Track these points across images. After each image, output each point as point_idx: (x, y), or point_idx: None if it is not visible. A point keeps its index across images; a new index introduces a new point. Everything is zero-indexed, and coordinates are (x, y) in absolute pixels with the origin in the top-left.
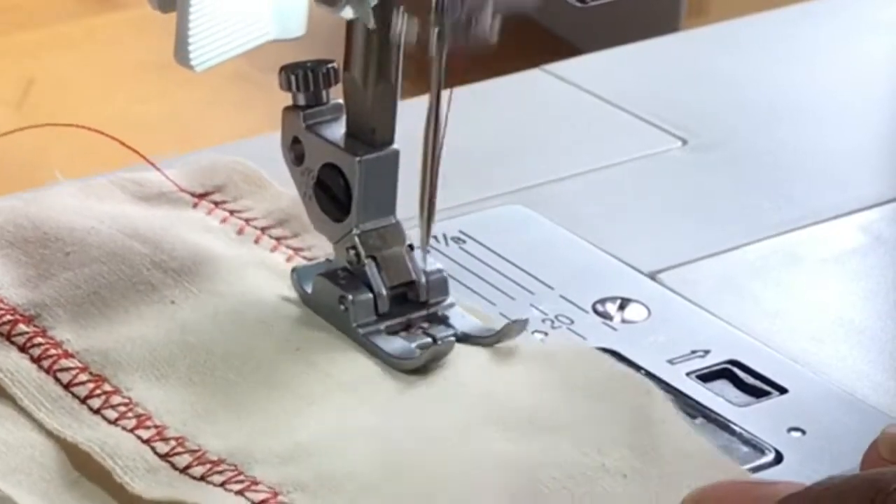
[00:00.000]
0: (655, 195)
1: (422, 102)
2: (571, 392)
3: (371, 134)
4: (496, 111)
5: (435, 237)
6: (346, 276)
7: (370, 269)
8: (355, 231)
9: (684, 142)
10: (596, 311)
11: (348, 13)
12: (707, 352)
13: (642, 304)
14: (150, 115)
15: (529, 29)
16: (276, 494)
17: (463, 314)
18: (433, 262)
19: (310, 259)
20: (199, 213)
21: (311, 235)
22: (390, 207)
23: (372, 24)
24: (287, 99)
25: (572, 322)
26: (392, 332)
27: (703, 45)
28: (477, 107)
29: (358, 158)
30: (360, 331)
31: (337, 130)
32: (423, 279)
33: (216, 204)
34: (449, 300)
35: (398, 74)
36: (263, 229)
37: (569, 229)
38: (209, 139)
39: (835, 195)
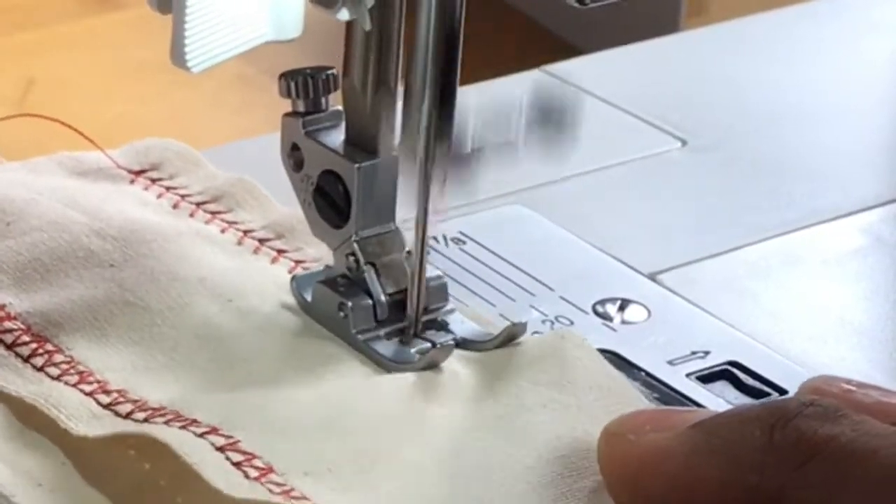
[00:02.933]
0: (655, 195)
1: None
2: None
3: (370, 141)
4: (496, 111)
5: (434, 238)
6: (346, 283)
7: (369, 275)
8: (354, 238)
9: (684, 142)
10: (596, 313)
11: (344, 15)
12: (707, 353)
13: (642, 305)
14: (150, 115)
15: (529, 29)
16: (216, 430)
17: (462, 320)
18: (432, 269)
19: (246, 232)
20: (137, 188)
21: (245, 211)
22: (390, 214)
23: (368, 26)
24: (287, 102)
25: (572, 323)
26: (391, 337)
27: (703, 46)
28: (477, 107)
29: (357, 165)
30: (360, 337)
31: (336, 137)
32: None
33: (153, 181)
34: (448, 306)
35: (398, 81)
36: (199, 204)
37: (569, 230)
38: (209, 140)
39: (835, 196)
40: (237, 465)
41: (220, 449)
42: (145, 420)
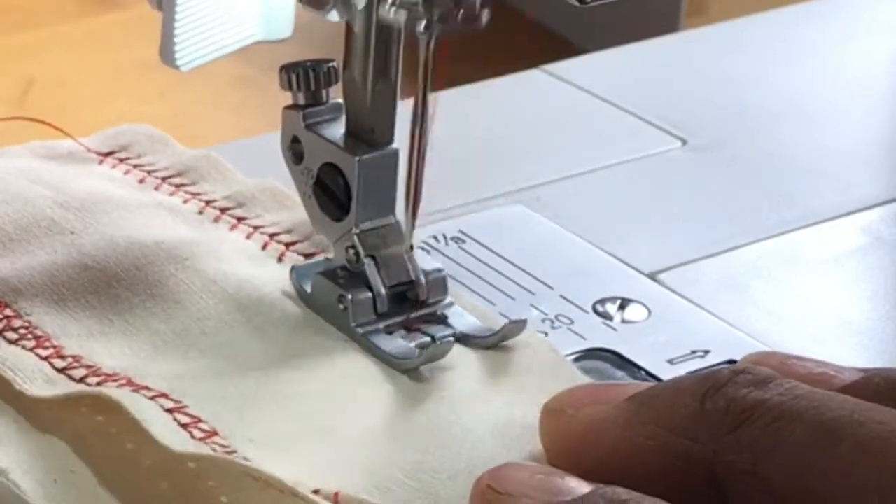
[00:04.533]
0: (655, 195)
1: None
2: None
3: (371, 133)
4: (496, 111)
5: (434, 237)
6: (346, 276)
7: (369, 268)
8: (354, 230)
9: (684, 142)
10: (596, 312)
11: (334, 16)
12: (707, 352)
13: (642, 304)
14: (150, 115)
15: (529, 29)
16: (166, 395)
17: (462, 314)
18: (432, 262)
19: (208, 202)
20: (104, 167)
21: (209, 183)
22: (390, 207)
23: (359, 28)
24: (286, 99)
25: (572, 322)
26: (391, 331)
27: (703, 45)
28: (477, 107)
29: (357, 158)
30: (359, 330)
31: (337, 130)
32: (423, 278)
33: (121, 160)
34: (448, 300)
35: (398, 73)
36: (164, 178)
37: (569, 229)
38: (209, 139)
39: (835, 195)
40: (184, 426)
41: (169, 411)
42: (98, 384)
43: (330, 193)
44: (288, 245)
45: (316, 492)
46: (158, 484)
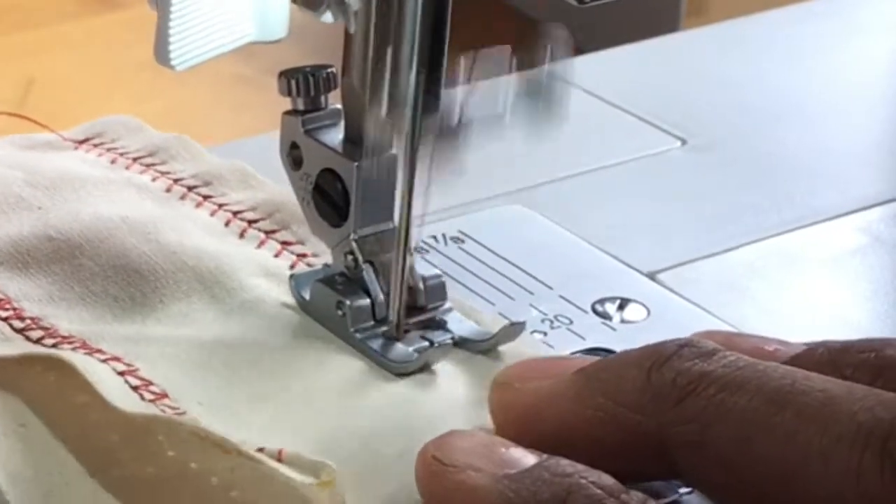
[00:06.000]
0: (655, 195)
1: None
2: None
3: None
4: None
5: (434, 237)
6: (344, 282)
7: (368, 274)
8: (353, 236)
9: (684, 142)
10: (595, 312)
11: (328, 17)
12: None
13: (642, 304)
14: (149, 115)
15: (529, 28)
16: (119, 358)
17: (460, 318)
18: (430, 268)
19: (177, 181)
20: (79, 153)
21: (178, 163)
22: (388, 213)
23: (353, 29)
24: (286, 99)
25: (571, 322)
26: (389, 336)
27: (703, 45)
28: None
29: (356, 164)
30: (358, 335)
31: (335, 135)
32: (421, 284)
33: (95, 146)
34: (447, 305)
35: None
36: (135, 159)
37: (568, 229)
38: (208, 139)
39: (835, 195)
40: (135, 388)
41: (121, 374)
42: (54, 346)
43: (328, 199)
44: (250, 222)
45: (260, 450)
46: (108, 436)
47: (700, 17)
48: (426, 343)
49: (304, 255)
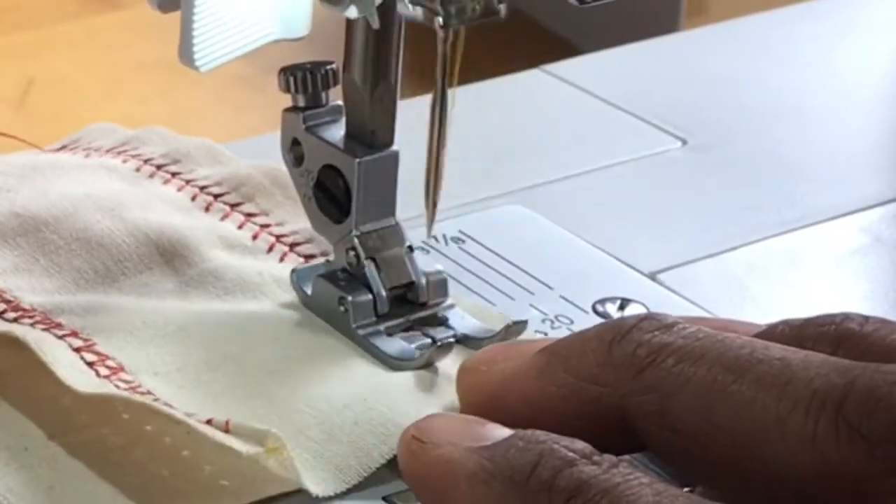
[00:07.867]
0: (655, 195)
1: (422, 102)
2: None
3: (371, 135)
4: (496, 111)
5: (434, 237)
6: (346, 278)
7: (370, 270)
8: (355, 232)
9: (684, 142)
10: (596, 312)
11: (353, 12)
12: None
13: (642, 304)
14: (150, 115)
15: (529, 29)
16: (76, 333)
17: (462, 315)
18: (432, 263)
19: (147, 161)
20: (58, 154)
21: (149, 147)
22: (390, 209)
23: (376, 24)
24: (287, 99)
25: (572, 322)
26: (391, 333)
27: (703, 45)
28: (477, 107)
29: (357, 160)
30: (360, 332)
31: (336, 132)
32: (423, 280)
33: (73, 150)
34: (448, 301)
35: (398, 76)
36: (108, 150)
37: (569, 229)
38: (209, 139)
39: (835, 195)
40: (91, 364)
41: (77, 350)
42: (14, 320)
43: (330, 195)
44: (216, 196)
45: (209, 421)
46: (64, 401)
47: (700, 17)
48: (427, 340)
49: (267, 226)
